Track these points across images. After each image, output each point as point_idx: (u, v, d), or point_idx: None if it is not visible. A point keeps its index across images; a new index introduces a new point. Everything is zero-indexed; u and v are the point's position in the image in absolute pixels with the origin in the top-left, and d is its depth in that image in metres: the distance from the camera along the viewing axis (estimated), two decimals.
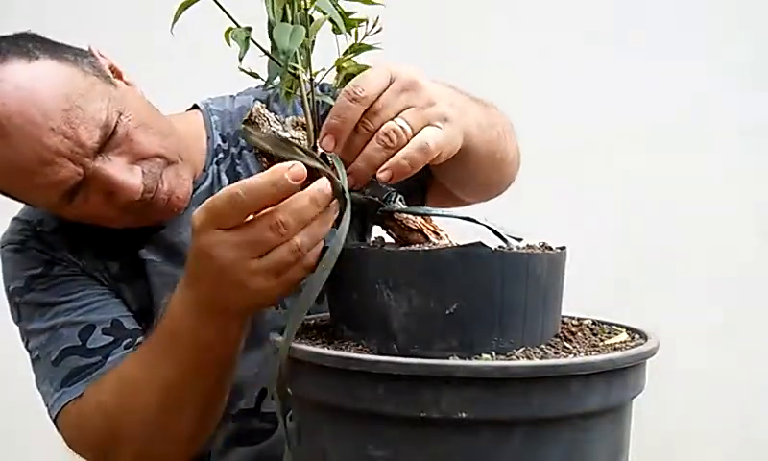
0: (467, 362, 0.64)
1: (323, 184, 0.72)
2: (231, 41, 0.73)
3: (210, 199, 0.74)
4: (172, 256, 1.03)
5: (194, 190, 1.05)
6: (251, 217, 0.73)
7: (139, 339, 0.99)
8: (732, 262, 2.03)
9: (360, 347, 0.70)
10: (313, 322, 0.83)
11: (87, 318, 1.00)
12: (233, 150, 1.10)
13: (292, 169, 0.71)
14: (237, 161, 1.09)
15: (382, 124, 0.73)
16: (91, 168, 0.91)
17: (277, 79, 0.75)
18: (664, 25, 2.04)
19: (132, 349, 0.97)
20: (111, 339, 0.98)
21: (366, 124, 0.73)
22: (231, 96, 1.15)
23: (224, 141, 1.10)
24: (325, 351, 0.68)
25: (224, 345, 0.84)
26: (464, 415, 0.61)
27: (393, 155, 0.72)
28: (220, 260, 0.74)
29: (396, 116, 0.73)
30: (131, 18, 1.94)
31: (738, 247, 2.03)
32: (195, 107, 1.13)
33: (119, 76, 1.00)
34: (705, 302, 2.01)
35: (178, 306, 0.83)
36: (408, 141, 0.73)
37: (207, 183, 1.07)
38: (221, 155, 1.09)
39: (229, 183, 0.89)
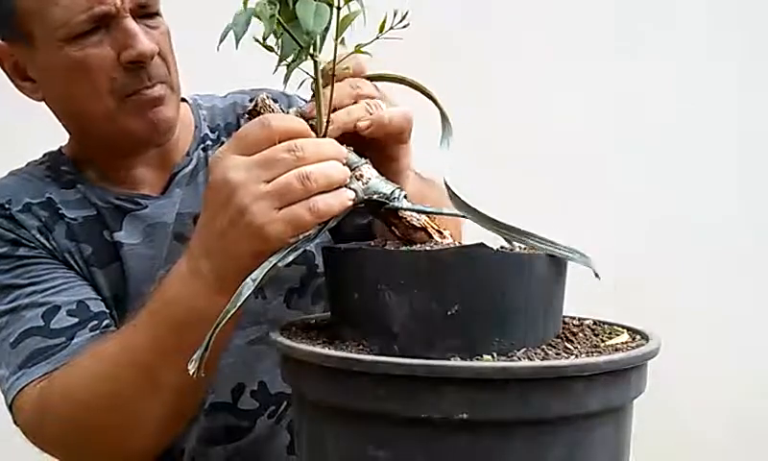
0: (468, 363, 0.64)
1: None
2: (253, 18, 0.71)
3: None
4: (152, 236, 1.02)
5: (177, 172, 1.06)
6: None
7: (106, 322, 0.95)
8: (732, 263, 2.03)
9: (361, 347, 0.70)
10: (314, 322, 0.83)
11: (51, 299, 0.95)
12: (223, 138, 1.10)
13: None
14: None
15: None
16: (122, 13, 0.93)
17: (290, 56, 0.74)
18: (665, 28, 2.04)
19: (97, 332, 0.94)
20: (76, 320, 0.94)
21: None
22: (221, 97, 1.16)
23: (212, 131, 1.11)
24: (326, 351, 0.68)
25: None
26: (465, 416, 0.61)
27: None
28: (231, 183, 0.74)
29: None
30: None
31: (738, 248, 2.04)
32: (182, 100, 1.13)
33: None
34: (705, 302, 2.01)
35: (176, 277, 0.82)
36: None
37: (191, 167, 1.07)
38: (208, 142, 1.10)
39: None
